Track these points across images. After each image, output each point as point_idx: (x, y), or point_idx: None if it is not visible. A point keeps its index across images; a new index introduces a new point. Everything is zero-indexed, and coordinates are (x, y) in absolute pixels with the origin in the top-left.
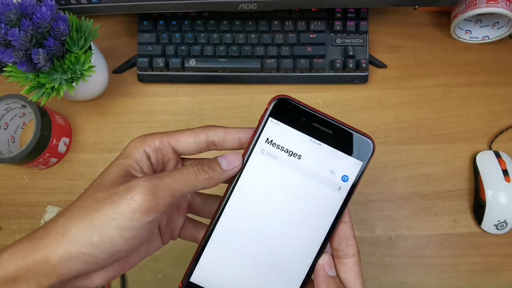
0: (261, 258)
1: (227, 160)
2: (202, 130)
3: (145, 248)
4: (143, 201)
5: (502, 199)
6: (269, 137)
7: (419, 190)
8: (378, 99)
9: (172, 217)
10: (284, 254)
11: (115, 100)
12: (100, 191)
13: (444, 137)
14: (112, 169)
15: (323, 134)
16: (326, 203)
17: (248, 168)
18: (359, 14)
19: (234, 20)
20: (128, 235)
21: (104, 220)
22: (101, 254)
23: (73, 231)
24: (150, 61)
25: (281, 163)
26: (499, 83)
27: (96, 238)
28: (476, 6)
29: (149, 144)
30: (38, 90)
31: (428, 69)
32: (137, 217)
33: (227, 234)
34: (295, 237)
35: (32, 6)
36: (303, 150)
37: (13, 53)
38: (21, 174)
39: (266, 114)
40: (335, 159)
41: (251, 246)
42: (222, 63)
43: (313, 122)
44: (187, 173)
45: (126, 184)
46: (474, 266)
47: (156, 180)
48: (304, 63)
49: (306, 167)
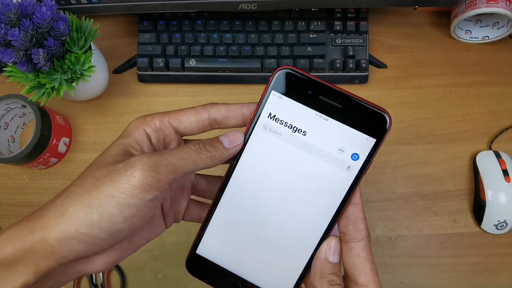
0: (264, 235)
1: (229, 138)
2: (203, 108)
3: (148, 231)
4: (144, 177)
5: (502, 199)
6: (271, 112)
7: (419, 190)
8: (378, 99)
9: (176, 198)
10: (288, 233)
11: (115, 100)
12: (99, 169)
13: (444, 137)
14: (112, 147)
15: (331, 108)
16: (334, 183)
17: (251, 144)
18: (359, 14)
19: (234, 20)
20: (128, 213)
21: (103, 197)
22: (100, 234)
23: (71, 210)
24: (150, 61)
25: (285, 139)
26: (499, 83)
27: (95, 216)
28: (476, 6)
29: (149, 124)
30: (38, 90)
31: (428, 69)
32: (138, 194)
33: (230, 209)
34: (299, 216)
35: (32, 6)
36: (309, 125)
37: (13, 53)
38: (21, 174)
39: (269, 87)
40: (344, 136)
41: (254, 222)
42: (222, 63)
43: (320, 95)
44: (189, 151)
45: (126, 161)
46: (474, 266)
47: (157, 156)
48: (304, 63)
49: (312, 144)
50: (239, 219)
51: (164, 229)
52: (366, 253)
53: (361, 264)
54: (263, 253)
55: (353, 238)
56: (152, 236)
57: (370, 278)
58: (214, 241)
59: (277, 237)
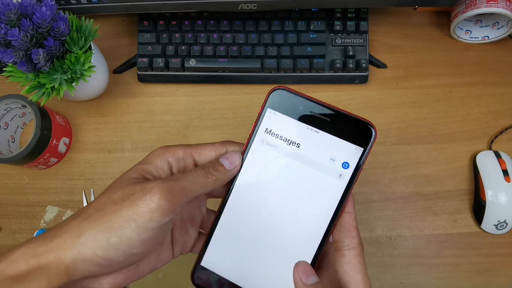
0: (265, 245)
1: (229, 160)
2: (222, 145)
3: (156, 258)
4: (161, 201)
5: (502, 199)
6: (268, 127)
7: (419, 190)
8: (378, 99)
9: (186, 228)
10: (287, 242)
11: (115, 100)
12: (116, 192)
13: (444, 137)
14: (129, 172)
15: (321, 121)
16: (328, 190)
17: (249, 158)
18: (359, 14)
19: (234, 20)
20: (146, 236)
21: (123, 221)
22: (116, 257)
23: (89, 233)
24: (150, 61)
25: (280, 151)
26: (499, 83)
27: (114, 239)
28: (476, 6)
29: (173, 154)
30: (38, 90)
31: (428, 69)
32: (156, 218)
33: (231, 222)
34: (297, 224)
35: (32, 6)
36: (302, 138)
37: (13, 53)
38: (21, 174)
39: (265, 105)
40: (334, 146)
41: (255, 232)
42: (222, 63)
43: (310, 110)
44: (197, 176)
45: (142, 186)
46: (474, 266)
47: (171, 182)
48: (304, 63)
49: (306, 155)
50: (241, 230)
51: (171, 258)
52: (358, 262)
53: (352, 272)
54: (264, 264)
55: (345, 246)
56: (159, 264)
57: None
58: (218, 253)
59: (277, 247)
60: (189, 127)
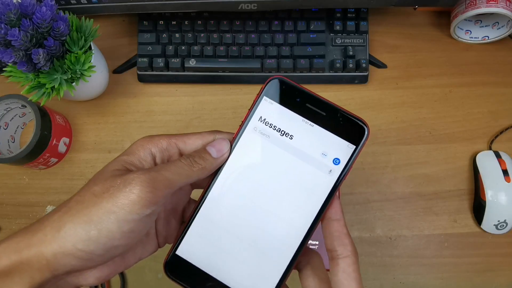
0: (246, 236)
1: (216, 148)
2: (210, 133)
3: (141, 249)
4: (142, 193)
5: (502, 199)
6: (262, 116)
7: (419, 190)
8: (378, 99)
9: (169, 219)
10: (270, 234)
11: (115, 100)
12: (97, 185)
13: (444, 137)
14: (112, 163)
15: (316, 115)
16: (316, 185)
17: (239, 146)
18: (359, 14)
19: (234, 20)
20: (126, 229)
21: (103, 214)
22: (97, 250)
23: (69, 226)
24: (150, 61)
25: (272, 141)
26: (499, 83)
27: (93, 232)
28: (476, 6)
29: (156, 144)
30: (38, 90)
31: (428, 69)
32: (136, 210)
33: (213, 210)
34: (282, 217)
35: (32, 6)
36: (295, 130)
37: (13, 53)
38: (21, 174)
39: (261, 93)
40: (327, 141)
41: (236, 223)
42: (222, 63)
43: (307, 103)
44: (182, 165)
45: (124, 177)
46: (474, 266)
47: (153, 172)
48: (304, 63)
49: (298, 148)
50: (221, 221)
51: (157, 248)
52: (352, 270)
53: (347, 281)
54: (244, 256)
55: (339, 254)
56: (145, 254)
57: None
58: (194, 243)
59: (259, 238)
60: (189, 127)
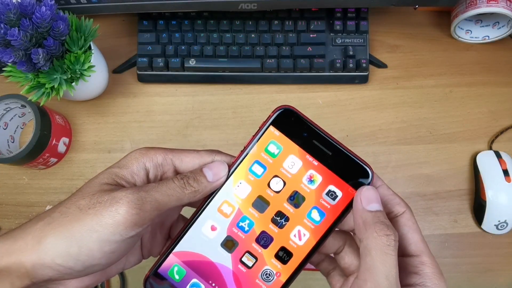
0: None
1: (213, 171)
2: (208, 153)
3: (124, 261)
4: (128, 214)
5: (503, 199)
6: (266, 144)
7: (419, 190)
8: (378, 99)
9: (155, 234)
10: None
11: (115, 100)
12: (83, 198)
13: (444, 137)
14: (102, 175)
15: (322, 153)
16: (312, 222)
17: (239, 171)
18: (359, 14)
19: (234, 20)
20: (108, 249)
21: (85, 231)
22: (76, 267)
23: (50, 239)
24: (150, 61)
25: (272, 172)
26: (499, 83)
27: (74, 249)
28: (476, 6)
29: (151, 158)
30: (38, 90)
31: (428, 69)
32: (120, 231)
33: (201, 234)
34: (273, 251)
35: (31, 6)
36: (298, 165)
37: (12, 53)
38: (21, 174)
39: (268, 121)
40: (329, 181)
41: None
42: (222, 63)
43: (314, 139)
44: (173, 187)
45: (112, 194)
46: (474, 266)
47: (143, 193)
48: (304, 63)
49: (298, 182)
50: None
51: (141, 260)
52: (412, 223)
53: (410, 233)
54: None
55: (396, 214)
56: (128, 266)
57: (421, 247)
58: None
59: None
60: (189, 127)
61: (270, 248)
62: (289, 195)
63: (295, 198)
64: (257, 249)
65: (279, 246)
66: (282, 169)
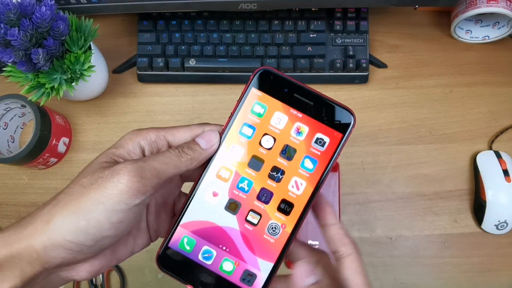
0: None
1: (205, 139)
2: (199, 126)
3: (133, 243)
4: (130, 182)
5: (503, 199)
6: (251, 106)
7: (419, 190)
8: (378, 99)
9: (160, 213)
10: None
11: (115, 100)
12: (85, 176)
13: (444, 137)
14: (100, 156)
15: (304, 105)
16: (306, 172)
17: (230, 136)
18: (359, 14)
19: (234, 20)
20: (115, 219)
21: (91, 204)
22: (86, 241)
23: (58, 218)
24: (150, 61)
25: (262, 131)
26: (499, 83)
27: (82, 223)
28: (476, 6)
29: (144, 136)
30: (38, 90)
31: (428, 69)
32: (125, 199)
33: (203, 203)
34: (272, 207)
35: (31, 6)
36: (284, 119)
37: (12, 53)
38: (21, 174)
39: (249, 84)
40: (315, 130)
41: (228, 213)
42: (222, 63)
43: (294, 93)
44: (170, 155)
45: (111, 168)
46: (474, 266)
47: (141, 162)
48: (304, 63)
49: (286, 136)
50: (211, 212)
51: (150, 242)
52: (357, 266)
53: (353, 275)
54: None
55: (342, 254)
56: (137, 249)
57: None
58: (187, 234)
59: (251, 228)
60: None
61: (271, 203)
62: (281, 149)
63: (287, 152)
64: (260, 206)
65: (280, 199)
66: (270, 126)
